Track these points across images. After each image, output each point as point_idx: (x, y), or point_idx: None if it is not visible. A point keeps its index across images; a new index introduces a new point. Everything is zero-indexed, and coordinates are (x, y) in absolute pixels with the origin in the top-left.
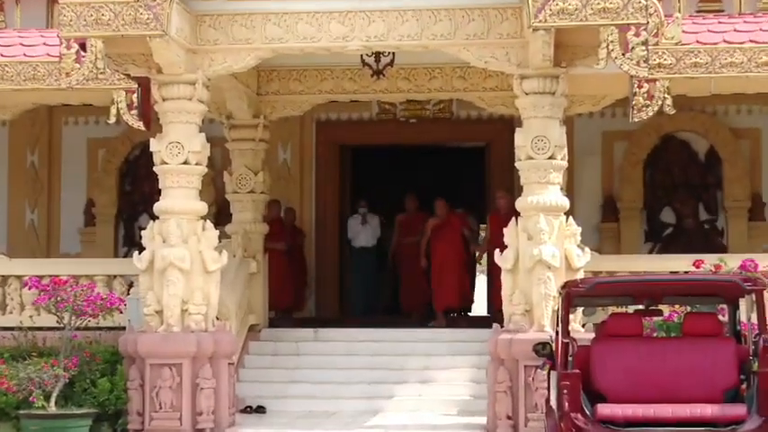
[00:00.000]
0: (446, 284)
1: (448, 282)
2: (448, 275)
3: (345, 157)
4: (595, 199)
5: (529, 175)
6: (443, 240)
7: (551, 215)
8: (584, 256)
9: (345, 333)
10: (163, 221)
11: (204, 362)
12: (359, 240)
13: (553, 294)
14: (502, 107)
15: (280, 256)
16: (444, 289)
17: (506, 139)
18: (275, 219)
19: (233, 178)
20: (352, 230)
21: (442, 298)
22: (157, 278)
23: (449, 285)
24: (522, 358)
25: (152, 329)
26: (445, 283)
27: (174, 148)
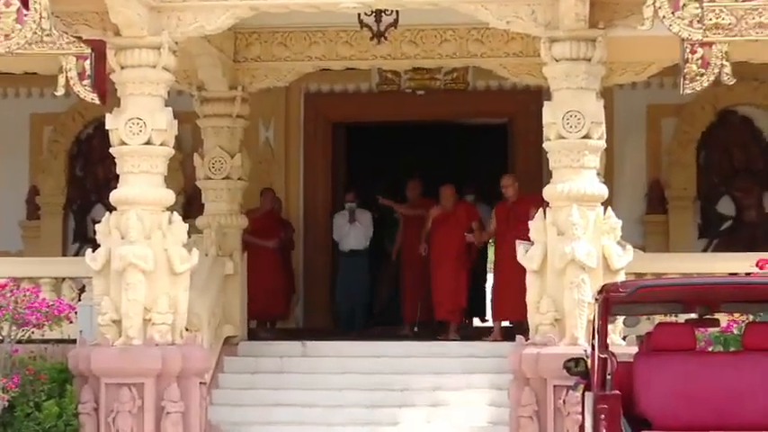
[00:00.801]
0: (441, 290)
1: (443, 287)
2: (443, 279)
3: (339, 136)
4: (639, 186)
5: (559, 158)
6: (444, 234)
7: (586, 206)
8: (626, 255)
9: (339, 347)
10: (121, 213)
11: (171, 381)
12: (347, 242)
13: (588, 300)
14: (527, 76)
15: (269, 256)
16: (445, 294)
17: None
18: (269, 211)
19: (205, 161)
20: (339, 230)
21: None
22: (115, 281)
23: (443, 292)
24: (551, 377)
25: (108, 342)
26: (440, 287)
27: (134, 126)
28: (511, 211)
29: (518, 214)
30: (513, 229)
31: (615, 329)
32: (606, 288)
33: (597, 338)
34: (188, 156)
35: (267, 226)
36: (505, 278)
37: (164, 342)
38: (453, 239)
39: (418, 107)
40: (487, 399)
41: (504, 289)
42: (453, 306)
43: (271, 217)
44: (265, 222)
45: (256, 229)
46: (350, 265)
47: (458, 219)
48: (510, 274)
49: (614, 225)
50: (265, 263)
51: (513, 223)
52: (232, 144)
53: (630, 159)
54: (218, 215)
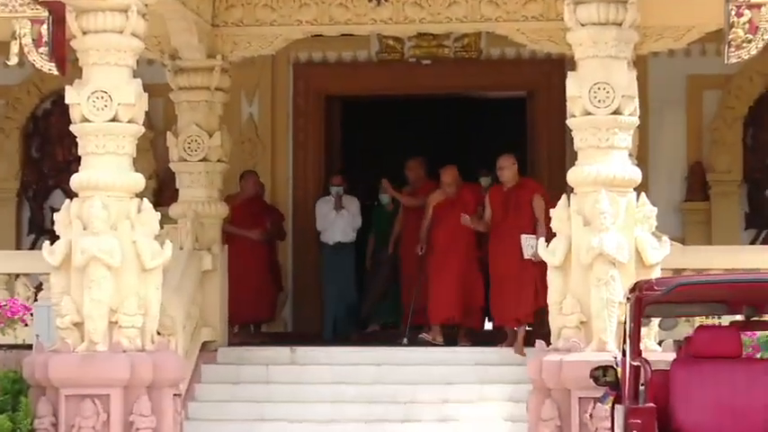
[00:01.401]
0: (446, 288)
1: (449, 285)
2: (449, 276)
3: (334, 111)
4: (677, 169)
5: (586, 137)
6: (449, 225)
7: (616, 192)
8: (662, 248)
9: (333, 353)
10: (83, 200)
11: (140, 392)
12: (332, 233)
13: (619, 300)
14: (548, 43)
15: (253, 249)
16: (443, 295)
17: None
18: (252, 197)
19: (179, 141)
20: (323, 219)
21: (440, 306)
22: (76, 278)
23: (450, 290)
24: (576, 387)
25: (68, 348)
26: (445, 286)
27: (98, 100)
28: (508, 197)
29: (517, 202)
30: (511, 219)
31: (649, 333)
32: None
33: (629, 343)
34: (160, 134)
35: (250, 214)
36: (499, 277)
37: (132, 348)
38: (461, 229)
39: (424, 79)
40: (503, 413)
41: (499, 290)
42: (468, 307)
43: (254, 204)
44: (247, 210)
45: (237, 218)
46: (336, 261)
47: (464, 205)
48: (504, 272)
49: (649, 213)
50: (248, 257)
51: (510, 212)
52: (210, 121)
53: (667, 138)
54: (194, 202)
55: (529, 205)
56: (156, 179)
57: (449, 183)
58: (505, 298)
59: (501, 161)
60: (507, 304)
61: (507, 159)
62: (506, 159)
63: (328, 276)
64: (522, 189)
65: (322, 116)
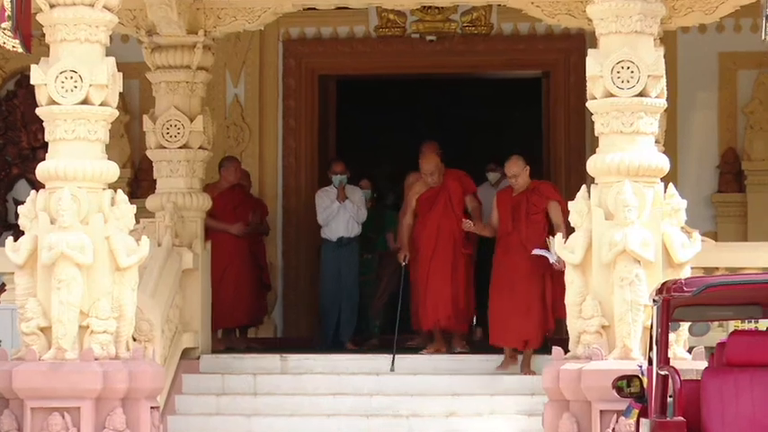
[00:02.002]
0: (435, 291)
1: (438, 287)
2: (437, 277)
3: (328, 93)
4: (709, 157)
5: (608, 122)
6: (433, 219)
7: (642, 182)
8: (693, 245)
9: (328, 361)
10: (51, 192)
11: (114, 405)
12: (335, 227)
13: (644, 302)
14: (566, 18)
15: (235, 245)
16: (432, 298)
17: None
18: (233, 187)
19: (157, 126)
20: (324, 212)
21: (430, 310)
22: (43, 278)
23: (439, 293)
24: (597, 399)
25: (35, 356)
26: (434, 288)
27: (67, 81)
28: (518, 204)
29: (529, 210)
30: (521, 229)
31: (678, 339)
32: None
33: (656, 350)
34: (135, 118)
35: (230, 206)
36: (503, 292)
37: (105, 355)
38: (448, 223)
39: (428, 57)
40: (516, 427)
41: (502, 306)
42: (453, 310)
43: (235, 194)
44: (228, 201)
45: (217, 211)
46: (338, 258)
47: (450, 194)
48: (510, 287)
49: (677, 206)
50: (229, 254)
51: (521, 221)
52: (191, 104)
53: (698, 123)
54: (173, 194)
55: (543, 214)
56: (132, 168)
57: (430, 171)
58: (510, 316)
59: (511, 167)
60: (512, 323)
61: (518, 163)
62: (517, 164)
63: (328, 275)
64: (536, 195)
65: (315, 98)
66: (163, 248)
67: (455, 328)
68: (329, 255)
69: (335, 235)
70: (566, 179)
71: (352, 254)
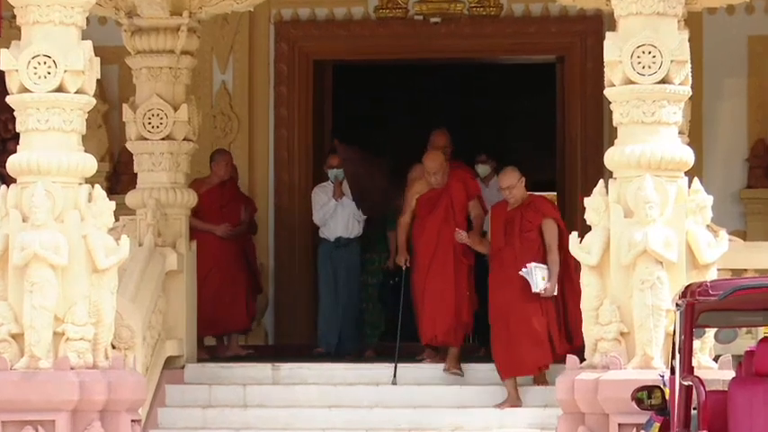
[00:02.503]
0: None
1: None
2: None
3: (323, 79)
4: (738, 150)
5: (627, 111)
6: (434, 223)
7: (664, 176)
8: (719, 245)
9: (324, 371)
10: (22, 187)
11: (92, 418)
12: (333, 226)
13: (667, 307)
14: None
15: (223, 246)
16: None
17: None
18: (223, 183)
19: (138, 115)
20: (321, 210)
21: (432, 322)
22: (14, 280)
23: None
24: (616, 412)
25: (5, 365)
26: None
27: (40, 66)
28: (512, 219)
29: (523, 227)
30: (515, 246)
31: (703, 347)
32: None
33: (679, 359)
34: (114, 108)
35: (218, 204)
36: (500, 316)
37: (82, 364)
38: (449, 230)
39: (432, 40)
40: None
41: (501, 334)
42: (453, 324)
43: (225, 191)
44: (216, 199)
45: (204, 209)
46: (336, 260)
47: (452, 198)
48: (506, 309)
49: (703, 203)
50: (215, 256)
51: (515, 238)
52: (175, 92)
53: (726, 112)
54: (155, 189)
55: (537, 231)
56: (111, 161)
57: (434, 170)
58: (514, 345)
59: (506, 179)
60: (518, 353)
61: (513, 175)
62: (512, 176)
63: (326, 278)
64: (531, 211)
65: (309, 85)
66: (144, 248)
67: (454, 343)
68: (326, 256)
69: (333, 235)
70: (582, 173)
71: (351, 255)
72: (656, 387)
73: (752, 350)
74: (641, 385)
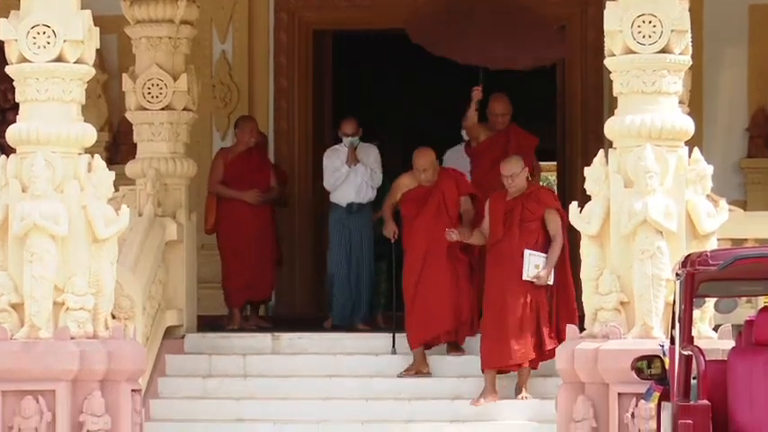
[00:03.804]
0: (426, 305)
1: (429, 301)
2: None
3: (323, 49)
4: (738, 119)
5: (627, 81)
6: (424, 223)
7: (665, 146)
8: (719, 214)
9: (323, 341)
10: (22, 157)
11: (92, 388)
12: (345, 192)
13: (667, 276)
14: None
15: (255, 215)
16: (422, 313)
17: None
18: (249, 150)
19: (138, 85)
20: (333, 175)
21: (419, 326)
22: (14, 250)
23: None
24: (615, 382)
25: (5, 335)
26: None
27: (39, 36)
28: (512, 210)
29: (524, 217)
30: (513, 237)
31: (703, 317)
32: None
33: (678, 329)
34: (114, 77)
35: (246, 171)
36: (495, 309)
37: (82, 334)
38: (442, 227)
39: None
40: (527, 411)
41: (493, 326)
42: (452, 326)
43: (252, 158)
44: (242, 166)
45: (230, 177)
46: (349, 225)
47: (444, 195)
48: (502, 303)
49: (703, 173)
50: (245, 223)
51: (514, 229)
52: (175, 61)
53: (726, 82)
54: (155, 159)
55: (539, 222)
56: (110, 131)
57: (424, 167)
58: (501, 336)
59: (508, 166)
60: (503, 345)
61: (516, 164)
62: (516, 164)
63: (339, 244)
64: (532, 201)
65: (309, 55)
66: (144, 218)
67: (448, 340)
68: (338, 222)
69: (345, 200)
70: (582, 143)
71: (364, 221)
72: (655, 357)
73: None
74: (641, 355)
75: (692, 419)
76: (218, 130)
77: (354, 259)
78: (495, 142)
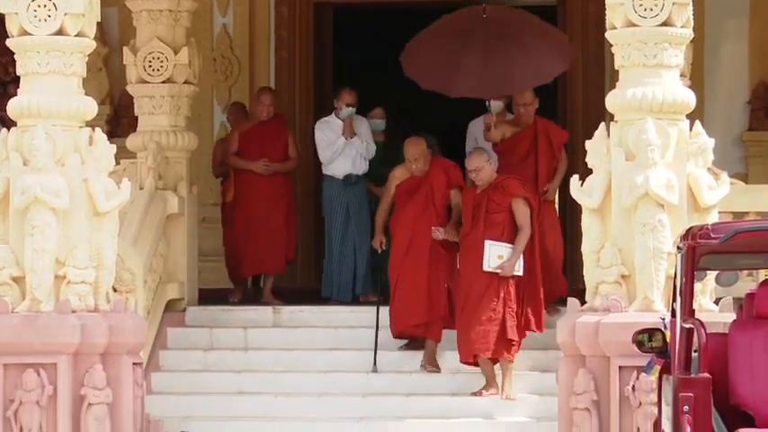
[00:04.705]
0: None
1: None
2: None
3: (324, 22)
4: (739, 92)
5: (629, 54)
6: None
7: (666, 119)
8: (720, 187)
9: (325, 314)
10: (23, 130)
11: (93, 361)
12: (341, 164)
13: (668, 250)
14: None
15: (264, 184)
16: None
17: None
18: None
19: (138, 58)
20: (327, 149)
21: (402, 315)
22: (15, 223)
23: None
24: (616, 354)
25: (7, 308)
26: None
27: (40, 9)
28: (480, 201)
29: (490, 208)
30: (480, 228)
31: (704, 290)
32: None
33: (680, 302)
34: (115, 51)
35: (258, 141)
36: (465, 300)
37: (83, 308)
38: (428, 217)
39: None
40: (528, 384)
41: (464, 317)
42: (427, 318)
43: (265, 129)
44: (255, 137)
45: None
46: (345, 197)
47: (432, 186)
48: (470, 292)
49: (704, 146)
50: (256, 193)
51: (480, 220)
52: (175, 34)
53: (727, 54)
54: (156, 132)
55: (506, 213)
56: (111, 104)
57: (414, 157)
58: (468, 328)
59: (473, 161)
60: (468, 336)
61: (479, 158)
62: (478, 158)
63: (335, 217)
64: (498, 192)
65: (310, 28)
66: (145, 192)
67: (431, 337)
68: (334, 193)
69: (342, 172)
70: (583, 116)
71: (361, 192)
72: (656, 330)
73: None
74: (642, 328)
75: (693, 392)
76: (219, 103)
77: (354, 231)
78: (522, 139)
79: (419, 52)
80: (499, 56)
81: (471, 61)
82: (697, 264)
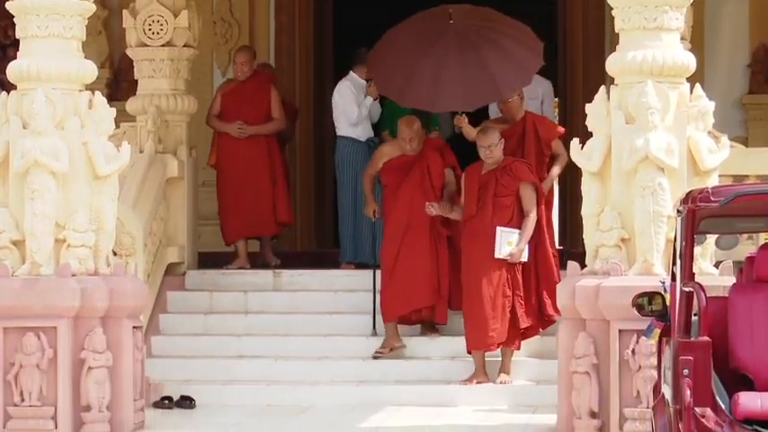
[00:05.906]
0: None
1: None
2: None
3: None
4: (739, 55)
5: (629, 17)
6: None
7: (666, 82)
8: (721, 151)
9: (325, 278)
10: (23, 94)
11: (93, 324)
12: (366, 126)
13: (668, 213)
14: None
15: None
16: (400, 286)
17: None
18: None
19: (138, 21)
20: (356, 109)
21: (396, 299)
22: (15, 187)
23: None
24: (616, 318)
25: (7, 272)
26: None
27: None
28: (487, 183)
29: (498, 191)
30: (487, 212)
31: (704, 253)
32: (692, 196)
33: (680, 265)
34: (115, 13)
35: (234, 103)
36: (471, 285)
37: (83, 271)
38: (424, 197)
39: None
40: (528, 348)
41: (470, 303)
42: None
43: (245, 89)
44: (235, 98)
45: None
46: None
47: (428, 164)
48: (477, 278)
49: (704, 109)
50: (235, 155)
51: (488, 203)
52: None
53: (728, 17)
54: (156, 96)
55: (514, 197)
56: (111, 68)
57: (410, 136)
58: (479, 317)
59: (487, 137)
60: (480, 327)
61: (493, 134)
62: (493, 134)
63: (353, 181)
64: (507, 175)
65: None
66: (145, 155)
67: (426, 318)
68: (352, 157)
69: (365, 135)
70: (583, 80)
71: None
72: (656, 293)
73: (753, 256)
74: (642, 291)
75: (693, 356)
76: (219, 66)
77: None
78: (510, 136)
79: (383, 56)
80: (475, 67)
81: (447, 78)
82: (697, 227)
